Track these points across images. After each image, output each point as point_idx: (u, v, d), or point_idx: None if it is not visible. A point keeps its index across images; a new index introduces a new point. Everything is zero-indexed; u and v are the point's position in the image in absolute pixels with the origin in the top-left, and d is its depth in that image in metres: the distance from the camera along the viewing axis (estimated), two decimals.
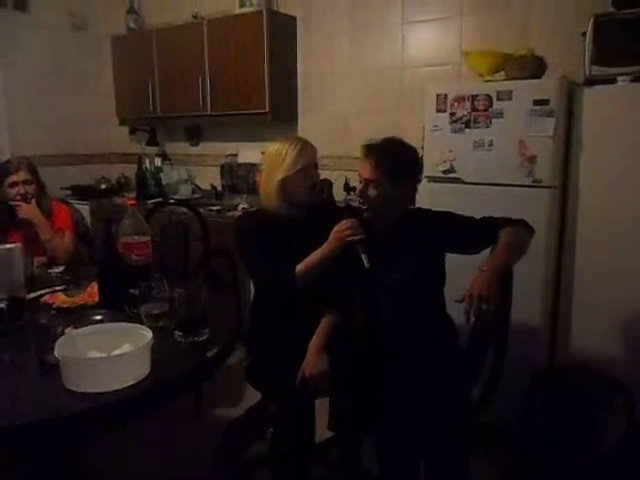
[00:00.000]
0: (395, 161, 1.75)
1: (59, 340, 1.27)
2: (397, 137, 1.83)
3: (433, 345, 1.78)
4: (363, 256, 1.71)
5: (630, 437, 2.00)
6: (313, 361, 1.71)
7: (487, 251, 1.75)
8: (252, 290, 2.02)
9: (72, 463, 1.64)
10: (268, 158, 1.87)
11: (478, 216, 1.82)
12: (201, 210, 3.04)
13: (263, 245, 1.81)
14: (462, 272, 1.99)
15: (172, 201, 3.50)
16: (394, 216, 1.84)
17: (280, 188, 1.82)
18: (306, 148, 1.83)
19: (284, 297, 1.82)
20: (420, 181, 1.92)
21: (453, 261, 1.85)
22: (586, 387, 2.09)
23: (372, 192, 1.76)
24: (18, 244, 1.74)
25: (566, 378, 2.19)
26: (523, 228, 1.73)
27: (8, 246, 1.71)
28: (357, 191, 1.82)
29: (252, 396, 2.06)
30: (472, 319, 1.55)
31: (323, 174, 3.28)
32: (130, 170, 4.44)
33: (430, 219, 1.86)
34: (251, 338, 1.97)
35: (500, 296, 1.56)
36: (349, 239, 1.72)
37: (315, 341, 1.76)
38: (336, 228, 1.75)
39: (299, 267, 1.76)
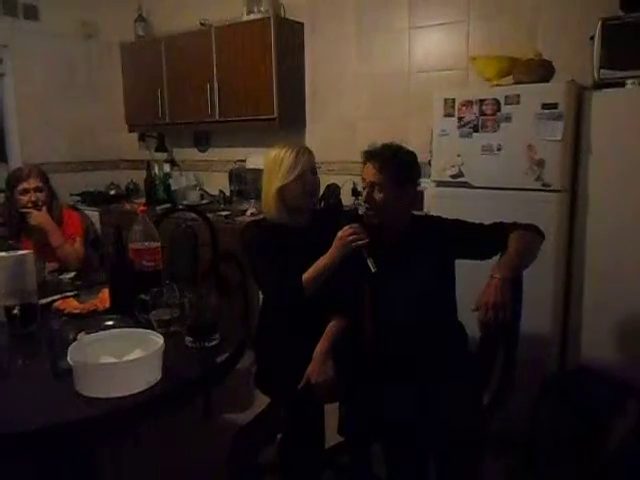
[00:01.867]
0: (398, 164, 1.77)
1: (71, 346, 1.28)
2: (395, 142, 1.84)
3: (443, 351, 1.78)
4: (369, 261, 1.71)
5: None
6: (318, 368, 1.70)
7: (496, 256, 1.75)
8: (261, 295, 2.03)
9: (83, 468, 1.65)
10: (266, 166, 1.89)
11: (487, 220, 1.81)
12: (210, 216, 3.05)
13: (270, 255, 1.82)
14: (472, 278, 2.00)
15: (181, 207, 3.53)
16: (401, 221, 1.83)
17: (278, 196, 1.83)
18: (302, 154, 1.83)
19: (293, 305, 1.82)
20: (419, 185, 1.91)
21: (463, 267, 1.85)
22: (597, 391, 2.08)
23: (378, 195, 1.76)
24: (30, 251, 1.76)
25: (577, 382, 2.17)
26: (533, 233, 1.72)
27: (20, 253, 1.73)
28: (364, 196, 1.81)
29: (261, 400, 2.07)
30: (487, 328, 1.53)
31: (331, 179, 3.30)
32: (139, 176, 4.48)
33: (439, 226, 1.86)
34: (260, 343, 1.98)
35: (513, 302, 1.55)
36: (353, 245, 1.72)
37: (320, 347, 1.75)
38: (339, 234, 1.75)
39: (305, 276, 1.76)
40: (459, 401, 1.65)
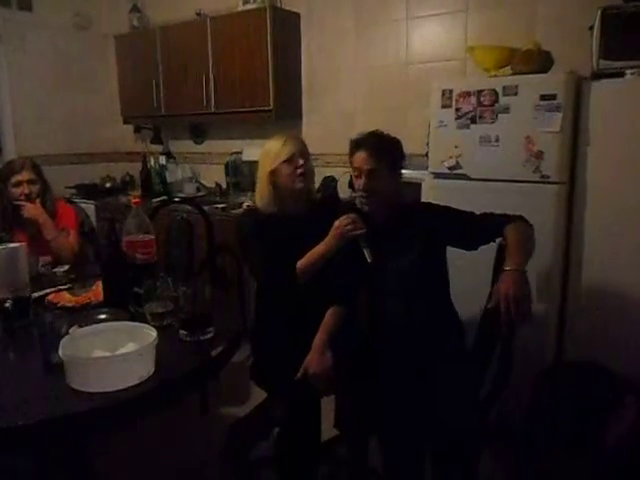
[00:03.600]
0: (391, 150, 1.80)
1: (63, 339, 1.27)
2: (379, 130, 1.85)
3: (439, 338, 1.77)
4: (365, 251, 1.71)
5: (638, 436, 1.98)
6: (316, 359, 1.70)
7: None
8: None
9: (76, 463, 1.64)
10: (260, 158, 1.93)
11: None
12: (206, 208, 3.03)
13: (264, 242, 1.82)
14: (466, 270, 1.99)
15: (177, 199, 3.50)
16: (392, 206, 1.83)
17: (269, 181, 1.86)
18: (290, 139, 1.88)
19: (286, 294, 1.81)
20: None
21: (456, 258, 1.84)
22: (594, 385, 2.07)
23: (375, 183, 1.75)
24: (23, 243, 1.74)
25: (574, 375, 2.16)
26: (526, 224, 1.71)
27: (13, 245, 1.71)
28: (361, 184, 1.77)
29: (258, 394, 2.06)
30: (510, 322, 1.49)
31: (327, 171, 3.28)
32: (135, 169, 4.45)
33: (429, 211, 1.87)
34: (255, 336, 1.97)
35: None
36: (350, 234, 1.72)
37: (319, 338, 1.74)
38: (336, 223, 1.75)
39: (300, 263, 1.76)
40: (456, 394, 1.64)
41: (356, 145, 1.80)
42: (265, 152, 1.90)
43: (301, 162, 1.86)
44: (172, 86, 3.91)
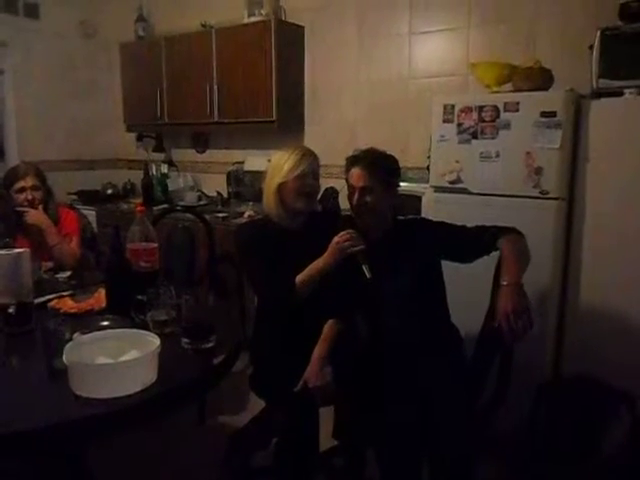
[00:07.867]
0: (385, 167, 1.81)
1: (67, 345, 1.28)
2: (375, 147, 1.87)
3: (437, 352, 1.78)
4: (364, 267, 1.72)
5: (635, 449, 1.99)
6: (316, 372, 1.70)
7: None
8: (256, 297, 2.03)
9: (75, 470, 1.64)
10: (271, 164, 1.92)
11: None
12: (207, 217, 3.05)
13: (263, 255, 1.82)
14: (465, 282, 2.00)
15: (178, 208, 3.52)
16: (385, 223, 1.85)
17: (277, 193, 1.86)
18: (307, 156, 1.86)
19: (285, 306, 1.82)
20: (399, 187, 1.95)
21: (454, 270, 1.86)
22: (592, 398, 2.08)
23: (369, 199, 1.77)
24: (26, 249, 1.75)
25: (572, 388, 2.18)
26: (518, 235, 1.73)
27: (16, 251, 1.72)
28: (355, 200, 1.79)
29: (256, 403, 2.06)
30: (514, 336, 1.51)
31: (329, 183, 3.30)
32: (136, 176, 4.47)
33: (424, 227, 1.89)
34: (255, 346, 1.97)
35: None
36: (349, 250, 1.73)
37: (319, 351, 1.75)
38: (336, 239, 1.76)
39: (299, 278, 1.77)
40: (454, 406, 1.65)
41: (352, 162, 1.82)
42: (279, 160, 1.87)
43: (311, 183, 1.86)
44: (175, 95, 3.94)
